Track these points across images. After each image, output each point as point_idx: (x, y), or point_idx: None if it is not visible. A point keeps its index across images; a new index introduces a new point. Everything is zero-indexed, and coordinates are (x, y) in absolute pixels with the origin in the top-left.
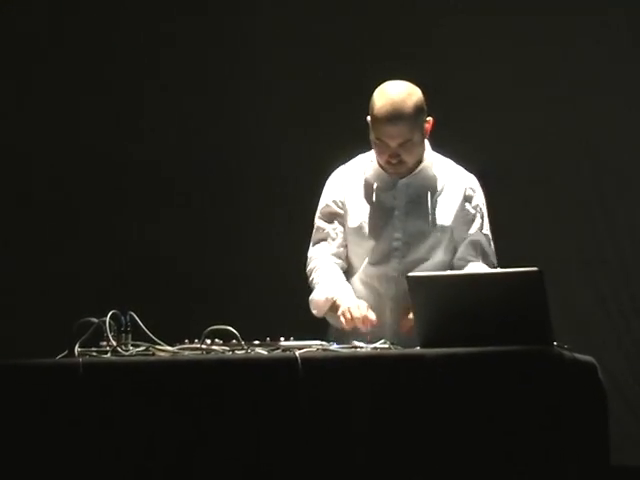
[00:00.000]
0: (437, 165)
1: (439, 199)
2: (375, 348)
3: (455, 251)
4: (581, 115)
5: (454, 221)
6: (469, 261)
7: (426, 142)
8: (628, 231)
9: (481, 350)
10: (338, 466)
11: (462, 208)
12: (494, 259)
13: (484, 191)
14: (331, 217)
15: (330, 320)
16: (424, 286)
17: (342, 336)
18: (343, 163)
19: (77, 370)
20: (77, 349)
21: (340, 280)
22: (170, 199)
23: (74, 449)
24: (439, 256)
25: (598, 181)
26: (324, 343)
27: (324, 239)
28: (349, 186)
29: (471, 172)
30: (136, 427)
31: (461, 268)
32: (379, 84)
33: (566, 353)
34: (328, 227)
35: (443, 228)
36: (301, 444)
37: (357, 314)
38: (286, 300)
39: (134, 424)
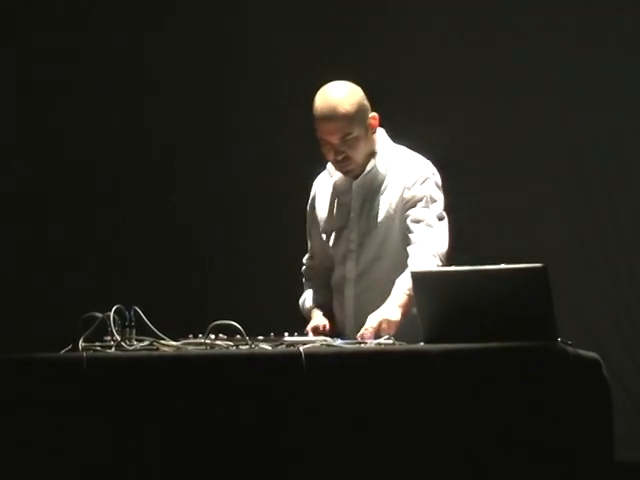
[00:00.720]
0: (389, 159)
1: (388, 194)
2: (379, 344)
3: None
4: (583, 108)
5: (396, 212)
6: (412, 242)
7: (380, 136)
8: (633, 227)
9: (485, 346)
10: (343, 461)
11: (402, 198)
12: (445, 234)
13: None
14: (310, 225)
15: None
16: (427, 282)
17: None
18: None
19: (81, 365)
20: (81, 344)
21: (316, 293)
22: (175, 196)
23: (77, 443)
24: (391, 251)
25: (604, 177)
26: (328, 339)
27: (308, 247)
28: (320, 191)
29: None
30: (140, 422)
31: (411, 252)
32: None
33: (570, 349)
34: (309, 237)
35: (388, 222)
36: (305, 439)
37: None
38: (290, 296)
39: (138, 419)
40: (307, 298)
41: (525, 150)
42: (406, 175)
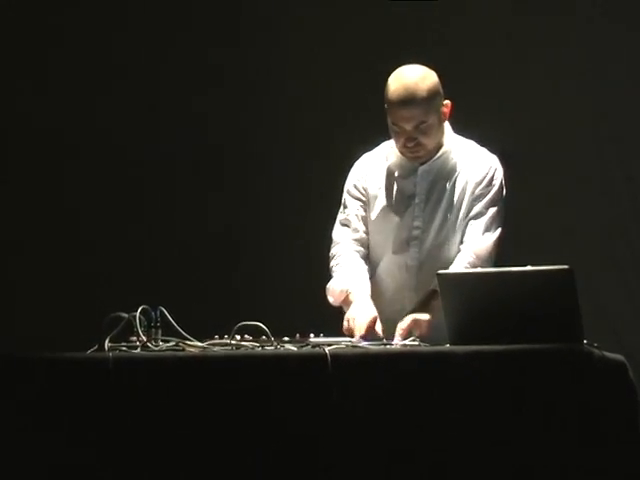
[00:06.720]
0: (457, 149)
1: (456, 184)
2: (405, 345)
3: None
4: (613, 109)
5: (467, 205)
6: (465, 242)
7: (447, 126)
8: None
9: (510, 348)
10: (367, 462)
11: (474, 191)
12: (494, 236)
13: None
14: (354, 202)
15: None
16: (454, 283)
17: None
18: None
19: (107, 365)
20: (107, 344)
21: (358, 272)
22: (197, 196)
23: (103, 443)
24: (458, 240)
25: (629, 178)
26: (353, 340)
27: (347, 224)
28: (372, 173)
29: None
30: (165, 422)
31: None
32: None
33: (596, 352)
34: (351, 212)
35: (456, 212)
36: (331, 440)
37: (358, 327)
38: (316, 297)
39: (163, 419)
40: (342, 277)
41: (549, 149)
42: (477, 169)
